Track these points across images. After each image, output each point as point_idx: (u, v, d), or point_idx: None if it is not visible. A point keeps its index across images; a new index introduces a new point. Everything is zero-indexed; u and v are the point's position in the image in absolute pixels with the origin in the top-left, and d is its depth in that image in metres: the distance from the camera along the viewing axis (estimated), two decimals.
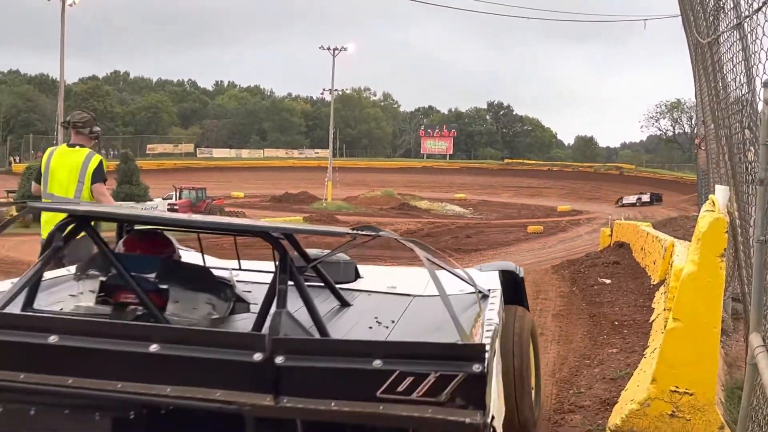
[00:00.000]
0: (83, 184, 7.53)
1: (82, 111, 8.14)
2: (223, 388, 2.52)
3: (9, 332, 2.65)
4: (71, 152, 7.64)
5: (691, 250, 5.91)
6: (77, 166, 7.55)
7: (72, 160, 7.58)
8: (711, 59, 7.44)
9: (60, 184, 7.49)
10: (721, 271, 5.66)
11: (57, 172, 7.53)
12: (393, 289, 5.22)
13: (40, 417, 2.82)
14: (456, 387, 2.42)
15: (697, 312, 5.66)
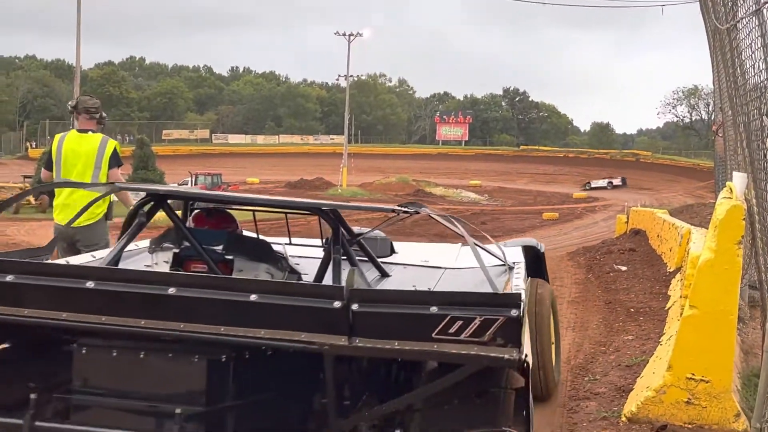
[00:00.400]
0: (100, 170, 7.55)
1: (91, 96, 8.15)
2: (307, 331, 2.97)
3: (133, 285, 3.08)
4: (84, 138, 7.62)
5: (708, 238, 5.90)
6: (93, 152, 7.54)
7: (87, 145, 7.57)
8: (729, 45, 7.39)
9: (76, 170, 7.48)
10: (738, 258, 5.64)
11: (71, 157, 7.51)
12: (426, 262, 5.70)
13: (149, 360, 3.37)
14: (497, 329, 2.86)
15: (714, 299, 5.65)
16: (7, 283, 3.12)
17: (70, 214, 7.05)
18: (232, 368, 3.41)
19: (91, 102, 7.83)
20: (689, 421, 5.66)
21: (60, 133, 7.82)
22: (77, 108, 7.71)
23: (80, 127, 7.69)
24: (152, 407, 3.38)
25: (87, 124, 7.70)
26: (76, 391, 3.48)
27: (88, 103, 7.80)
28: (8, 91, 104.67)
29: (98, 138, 7.66)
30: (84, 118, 7.70)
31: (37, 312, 3.11)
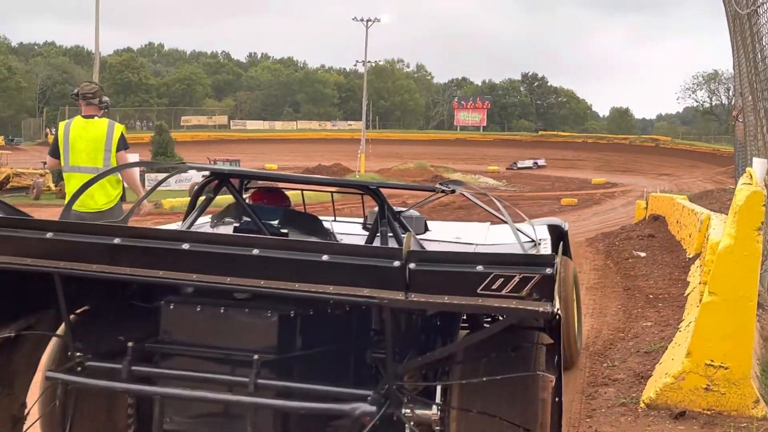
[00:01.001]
0: (110, 153, 7.69)
1: (90, 82, 8.27)
2: (369, 287, 3.28)
3: (223, 247, 3.41)
4: (90, 123, 7.74)
5: (727, 224, 5.88)
6: (102, 136, 7.68)
7: (95, 130, 7.70)
8: (750, 30, 7.35)
9: (86, 155, 7.61)
10: (757, 244, 5.62)
11: (79, 143, 7.62)
12: (458, 239, 6.03)
13: (228, 314, 3.88)
14: (533, 285, 3.12)
15: (733, 286, 5.63)
16: (115, 245, 3.44)
17: (87, 201, 7.26)
18: (300, 322, 3.92)
19: (88, 87, 7.94)
20: (708, 407, 5.65)
21: (64, 120, 7.91)
22: (78, 94, 7.85)
23: (86, 113, 7.79)
24: (231, 355, 3.86)
25: (89, 110, 7.81)
26: (165, 341, 3.99)
27: (85, 89, 7.90)
28: (28, 77, 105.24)
29: (105, 123, 7.79)
30: (84, 104, 7.81)
31: (138, 270, 3.46)
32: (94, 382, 3.93)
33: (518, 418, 3.66)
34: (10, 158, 44.87)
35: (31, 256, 3.54)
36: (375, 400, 3.62)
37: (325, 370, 4.07)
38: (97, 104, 7.85)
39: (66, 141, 7.61)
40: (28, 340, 4.07)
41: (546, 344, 3.88)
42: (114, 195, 7.70)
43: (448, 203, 31.06)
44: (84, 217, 7.18)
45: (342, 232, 5.80)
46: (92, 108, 7.81)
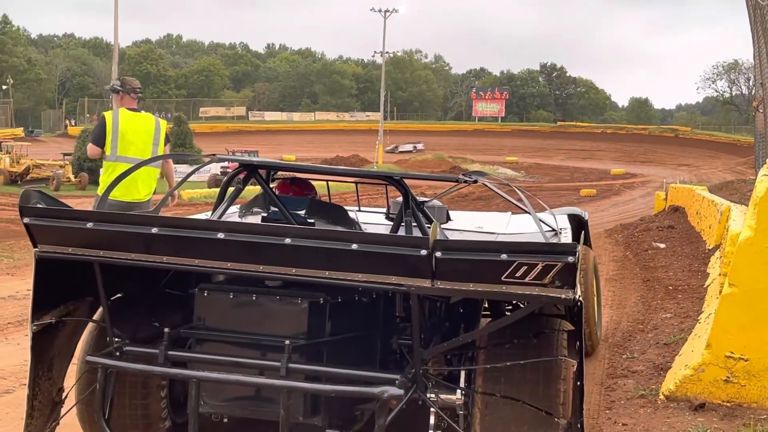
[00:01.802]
0: (158, 147, 7.97)
1: (133, 78, 8.38)
2: (396, 275, 3.41)
3: (256, 236, 3.52)
4: (138, 117, 7.96)
5: (747, 215, 5.86)
6: (151, 130, 7.95)
7: (145, 124, 7.95)
8: None
9: (136, 146, 7.81)
10: None
11: (129, 135, 7.80)
12: (480, 228, 6.14)
13: (260, 301, 4.06)
14: (556, 273, 3.22)
15: (754, 277, 5.62)
16: (152, 234, 3.56)
17: (132, 190, 7.58)
18: (329, 309, 4.06)
19: (136, 83, 8.16)
20: (728, 399, 5.66)
21: (108, 111, 8.06)
22: (125, 88, 7.98)
23: (128, 106, 7.97)
24: (263, 340, 4.02)
25: (133, 103, 8.02)
26: (199, 327, 4.17)
27: (135, 83, 8.12)
28: (47, 69, 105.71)
29: (152, 117, 8.08)
30: (131, 98, 7.99)
31: (174, 259, 3.62)
32: (133, 366, 4.07)
33: (541, 402, 3.76)
34: (30, 150, 45.13)
35: (71, 245, 3.68)
36: (402, 384, 3.73)
37: (353, 355, 4.22)
38: (137, 98, 8.10)
39: (115, 131, 7.76)
40: (67, 326, 4.20)
41: (567, 330, 4.00)
42: (153, 188, 8.00)
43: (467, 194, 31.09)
44: (124, 207, 7.44)
45: (366, 222, 5.91)
46: (135, 102, 8.05)
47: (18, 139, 59.24)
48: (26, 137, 69.36)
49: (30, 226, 3.70)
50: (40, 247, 3.74)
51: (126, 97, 7.96)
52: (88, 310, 4.34)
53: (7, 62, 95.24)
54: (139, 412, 4.58)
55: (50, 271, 3.90)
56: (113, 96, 8.08)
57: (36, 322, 3.94)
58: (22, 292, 9.82)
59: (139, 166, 6.07)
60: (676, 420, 5.51)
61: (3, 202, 27.09)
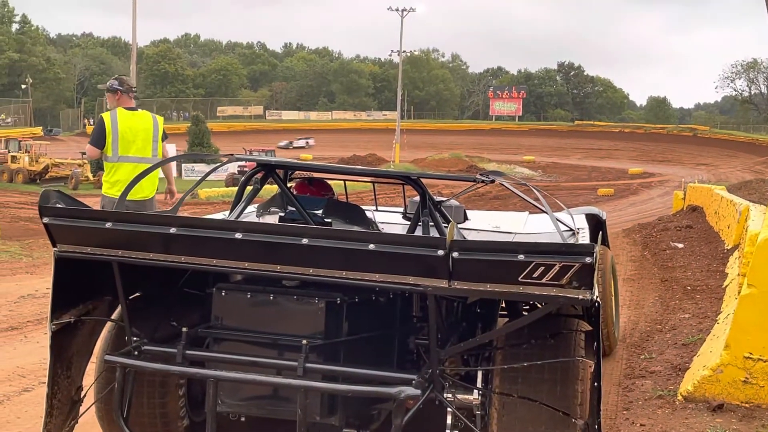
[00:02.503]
0: (157, 144, 8.01)
1: (127, 76, 8.43)
2: (414, 275, 3.41)
3: (274, 236, 3.53)
4: (136, 115, 7.95)
5: (766, 216, 5.83)
6: (150, 128, 7.95)
7: (142, 123, 7.93)
8: None
9: (136, 145, 7.81)
10: None
11: (129, 134, 7.79)
12: (497, 228, 6.11)
13: (278, 301, 4.08)
14: (573, 273, 3.22)
15: None
16: (171, 234, 3.58)
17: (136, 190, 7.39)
18: (346, 309, 4.07)
19: (131, 81, 8.26)
20: (746, 400, 5.63)
21: (106, 112, 8.07)
22: (123, 87, 8.00)
23: (126, 105, 7.97)
24: (280, 340, 4.03)
25: (131, 102, 8.04)
26: (216, 326, 4.18)
27: (130, 82, 8.17)
28: (66, 68, 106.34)
29: (149, 115, 8.09)
30: (128, 97, 8.01)
31: (192, 259, 3.64)
32: (151, 365, 4.11)
33: (558, 403, 3.75)
34: (49, 149, 45.47)
35: (90, 245, 3.71)
36: (419, 384, 3.73)
37: (370, 355, 4.23)
38: (133, 97, 8.13)
39: (115, 132, 7.75)
40: (85, 325, 4.23)
41: (585, 331, 3.98)
42: (156, 184, 8.03)
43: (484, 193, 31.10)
44: (130, 206, 7.36)
45: (383, 222, 5.91)
46: (132, 101, 8.06)
47: (37, 138, 59.73)
48: (45, 136, 69.95)
49: (49, 225, 3.72)
50: (59, 246, 3.76)
51: (123, 96, 7.97)
52: (107, 310, 4.37)
53: (26, 62, 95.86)
54: (157, 410, 4.60)
55: (69, 271, 3.92)
56: (108, 95, 8.05)
57: (55, 321, 3.96)
58: (41, 290, 9.88)
59: (157, 166, 6.11)
60: (694, 421, 5.48)
61: (22, 201, 27.28)
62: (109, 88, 8.05)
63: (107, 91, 8.06)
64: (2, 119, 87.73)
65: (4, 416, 5.69)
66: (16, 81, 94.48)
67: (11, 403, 5.99)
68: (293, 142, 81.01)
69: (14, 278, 11.39)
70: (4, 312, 8.98)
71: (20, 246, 15.10)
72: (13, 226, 19.81)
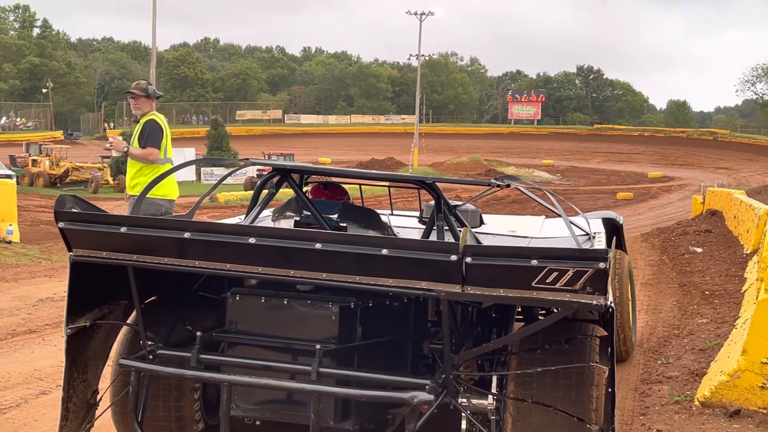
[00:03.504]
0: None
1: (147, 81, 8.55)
2: (427, 280, 3.43)
3: (287, 241, 3.56)
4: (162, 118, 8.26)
5: None
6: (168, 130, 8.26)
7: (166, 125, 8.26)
8: None
9: (169, 146, 8.14)
10: None
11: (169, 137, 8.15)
12: (513, 232, 6.13)
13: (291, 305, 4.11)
14: (587, 279, 3.22)
15: None
16: (185, 239, 3.62)
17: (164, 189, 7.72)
18: (359, 313, 4.10)
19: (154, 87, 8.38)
20: (764, 405, 5.60)
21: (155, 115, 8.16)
22: (150, 94, 8.12)
23: (156, 109, 8.20)
24: (294, 344, 4.07)
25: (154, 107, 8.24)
26: (231, 331, 4.22)
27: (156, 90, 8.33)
28: (86, 72, 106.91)
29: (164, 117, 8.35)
30: (153, 101, 8.20)
31: (206, 263, 3.67)
32: (165, 369, 4.13)
33: (572, 408, 3.75)
34: (70, 152, 45.71)
35: (106, 250, 3.75)
36: (433, 389, 3.73)
37: (383, 360, 4.25)
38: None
39: (167, 135, 8.08)
40: (101, 329, 4.27)
41: (600, 336, 3.97)
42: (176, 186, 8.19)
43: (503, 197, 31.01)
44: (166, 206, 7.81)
45: (399, 226, 5.93)
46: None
47: (57, 141, 60.08)
48: (65, 140, 70.38)
49: (65, 230, 3.76)
50: (74, 251, 3.80)
51: (154, 101, 8.19)
52: (123, 313, 4.40)
53: (47, 66, 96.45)
54: (172, 414, 4.63)
55: (85, 275, 3.95)
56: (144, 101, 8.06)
57: (71, 326, 4.00)
58: (60, 293, 9.95)
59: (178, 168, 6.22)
60: (711, 427, 5.46)
61: (43, 204, 27.46)
62: (154, 94, 8.19)
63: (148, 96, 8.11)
64: (23, 123, 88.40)
65: (21, 419, 5.74)
66: (37, 85, 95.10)
67: (29, 405, 6.03)
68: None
69: (33, 281, 11.47)
70: (22, 315, 9.06)
71: (39, 249, 15.20)
72: (33, 230, 19.92)
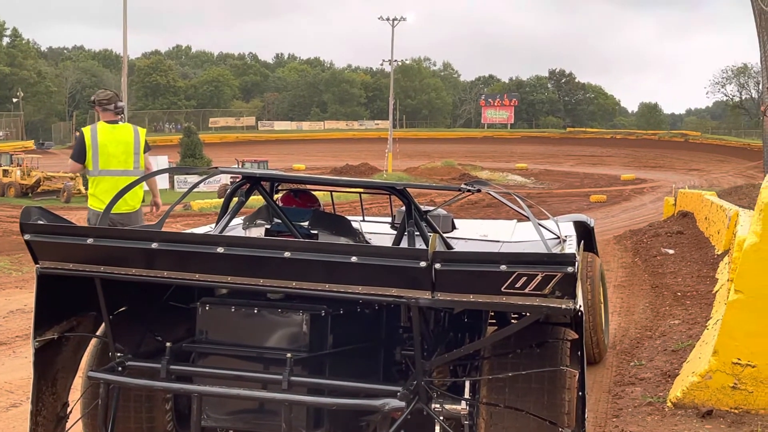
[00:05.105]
0: (139, 156, 8.03)
1: (105, 90, 8.47)
2: (397, 287, 3.43)
3: (256, 250, 3.54)
4: (116, 128, 7.99)
5: (753, 221, 5.84)
6: (130, 141, 7.98)
7: (122, 135, 7.97)
8: None
9: (117, 158, 7.86)
10: None
11: (109, 147, 7.84)
12: (485, 236, 6.12)
13: (262, 314, 4.08)
14: (555, 283, 3.24)
15: (760, 284, 5.60)
16: (153, 250, 3.59)
17: (120, 203, 7.48)
18: (330, 321, 4.08)
19: (103, 95, 8.16)
20: (735, 406, 5.63)
21: (87, 126, 8.13)
22: (96, 102, 8.05)
23: (106, 119, 8.01)
24: (265, 354, 4.04)
25: (108, 115, 8.03)
26: (201, 341, 4.18)
27: (100, 95, 8.14)
28: (57, 81, 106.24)
29: (130, 127, 8.11)
30: (100, 110, 8.02)
31: (175, 273, 3.65)
32: (135, 381, 4.10)
33: (544, 412, 3.76)
34: (41, 162, 45.36)
35: (72, 261, 3.71)
36: (404, 396, 3.72)
37: (355, 367, 4.24)
38: (113, 110, 8.06)
39: (95, 146, 7.81)
40: (70, 341, 4.22)
41: (570, 339, 3.99)
42: (141, 196, 8.12)
43: (477, 201, 31.12)
44: (115, 219, 7.57)
45: (371, 232, 5.92)
46: (110, 114, 8.04)
47: (29, 151, 59.59)
48: (37, 149, 69.76)
49: (31, 242, 3.72)
50: (41, 263, 3.76)
51: (99, 110, 8.01)
52: (92, 325, 4.36)
53: (18, 75, 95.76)
54: (144, 425, 4.60)
55: (52, 287, 3.91)
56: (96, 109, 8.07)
57: (38, 338, 3.95)
58: (31, 305, 9.79)
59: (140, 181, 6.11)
60: (683, 427, 5.49)
61: (14, 215, 27.16)
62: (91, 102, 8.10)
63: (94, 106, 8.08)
64: None
65: None
66: (7, 95, 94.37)
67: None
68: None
69: (3, 293, 11.36)
70: None
71: (10, 260, 15.08)
72: (3, 240, 19.73)
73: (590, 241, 7.22)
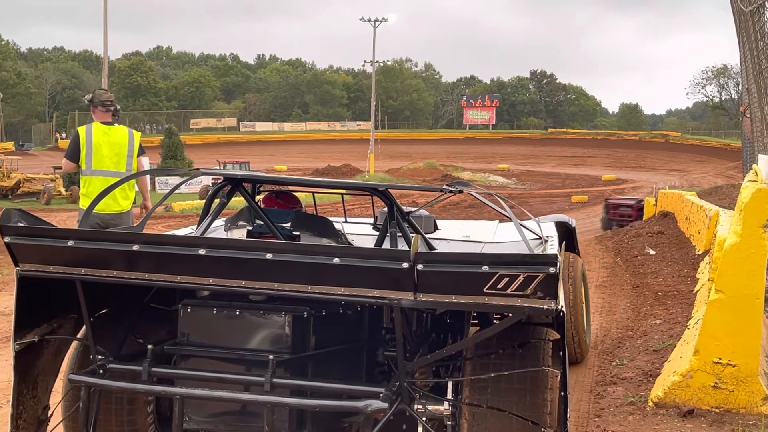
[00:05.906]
0: (132, 158, 8.04)
1: (105, 91, 8.41)
2: (379, 288, 3.44)
3: (238, 252, 3.55)
4: (112, 130, 7.99)
5: (733, 221, 5.88)
6: (125, 143, 7.98)
7: (117, 137, 7.97)
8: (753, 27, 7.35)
9: (110, 159, 7.86)
10: (763, 241, 5.62)
11: (103, 148, 7.84)
12: (467, 237, 6.14)
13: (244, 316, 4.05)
14: (537, 284, 3.26)
15: (740, 283, 5.63)
16: (133, 252, 3.57)
17: (110, 203, 7.62)
18: (312, 323, 4.07)
19: (106, 96, 8.15)
20: (716, 405, 5.67)
21: (82, 126, 8.04)
22: (93, 102, 8.01)
23: (100, 120, 8.00)
24: (247, 355, 4.03)
25: (105, 116, 8.02)
26: (183, 343, 4.14)
27: (104, 96, 8.11)
28: (37, 83, 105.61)
29: (125, 130, 8.10)
30: (101, 111, 8.00)
31: (156, 275, 3.64)
32: (116, 384, 4.07)
33: (527, 412, 3.77)
34: (21, 163, 45.01)
35: (53, 264, 3.69)
36: (387, 397, 3.73)
37: (338, 369, 4.23)
38: (114, 111, 8.08)
39: (89, 146, 7.81)
40: (50, 344, 4.19)
41: (552, 340, 4.00)
42: (132, 197, 8.08)
43: (459, 202, 31.17)
44: (105, 219, 7.60)
45: (353, 233, 5.91)
46: (108, 115, 8.04)
47: (8, 153, 59.22)
48: (17, 151, 69.34)
49: (11, 245, 3.69)
50: (21, 265, 3.74)
51: (96, 110, 7.98)
52: (73, 328, 4.33)
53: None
54: (125, 428, 4.57)
55: (33, 290, 3.89)
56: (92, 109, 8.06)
57: (19, 341, 3.93)
58: (11, 307, 9.72)
59: (124, 181, 6.09)
60: (665, 427, 5.52)
61: None
62: (88, 102, 8.07)
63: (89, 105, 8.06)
64: None
65: None
66: None
67: None
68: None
69: None
70: None
71: None
72: None
73: (572, 241, 7.26)
